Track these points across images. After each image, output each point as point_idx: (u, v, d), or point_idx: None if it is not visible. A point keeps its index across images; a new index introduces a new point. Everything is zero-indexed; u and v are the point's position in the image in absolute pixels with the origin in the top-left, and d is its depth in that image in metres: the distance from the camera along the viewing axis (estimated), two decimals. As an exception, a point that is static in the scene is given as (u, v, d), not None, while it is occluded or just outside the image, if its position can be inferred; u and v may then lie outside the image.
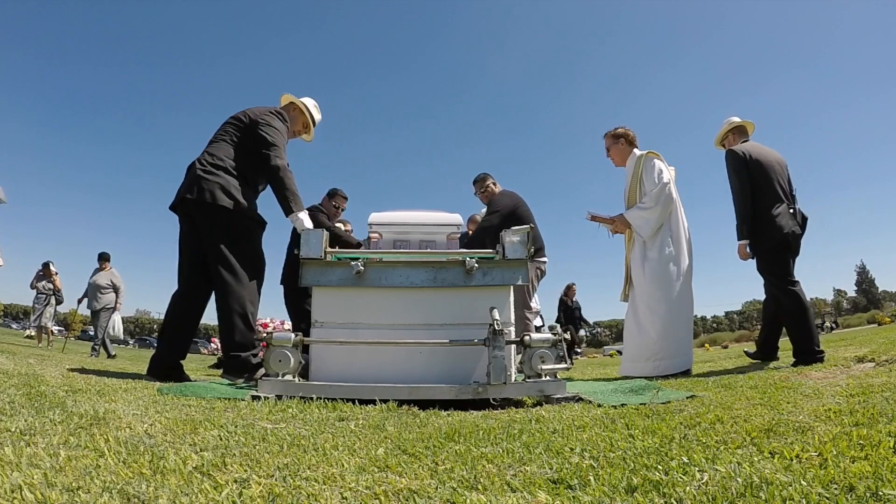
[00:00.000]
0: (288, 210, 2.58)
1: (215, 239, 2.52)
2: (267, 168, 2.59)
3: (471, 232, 4.09)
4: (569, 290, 9.44)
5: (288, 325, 4.33)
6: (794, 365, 2.86)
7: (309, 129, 3.01)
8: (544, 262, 3.96)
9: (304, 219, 2.54)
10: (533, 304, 8.01)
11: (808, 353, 2.88)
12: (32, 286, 8.23)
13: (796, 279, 3.04)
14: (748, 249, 3.10)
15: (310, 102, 3.02)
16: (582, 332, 9.58)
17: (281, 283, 4.01)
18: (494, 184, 4.08)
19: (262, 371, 2.49)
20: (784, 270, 3.03)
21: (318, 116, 3.04)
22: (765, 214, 3.05)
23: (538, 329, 7.17)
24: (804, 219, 3.14)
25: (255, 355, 2.55)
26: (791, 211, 3.07)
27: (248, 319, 2.52)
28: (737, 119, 3.50)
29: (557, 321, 9.33)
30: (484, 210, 4.18)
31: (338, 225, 4.25)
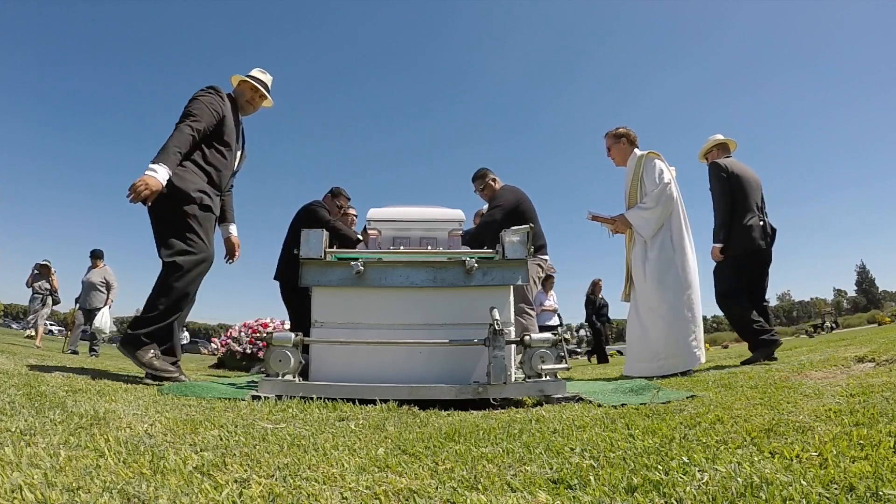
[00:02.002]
0: (154, 158, 2.43)
1: (154, 225, 2.52)
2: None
3: None
4: (595, 287, 9.06)
5: (288, 324, 4.33)
6: (747, 362, 3.15)
7: (260, 93, 2.97)
8: (545, 260, 3.95)
9: (155, 168, 2.35)
10: (549, 303, 7.93)
11: (757, 345, 3.21)
12: (29, 285, 8.19)
13: (741, 290, 3.39)
14: (721, 253, 3.44)
15: (254, 70, 3.02)
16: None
17: (275, 279, 4.01)
18: (494, 180, 3.93)
19: (151, 353, 2.40)
20: (732, 279, 3.40)
21: (263, 77, 3.00)
22: (738, 224, 3.39)
23: (554, 329, 7.11)
24: (773, 230, 3.50)
25: (150, 335, 2.42)
26: (762, 223, 3.43)
27: (159, 300, 2.42)
28: (721, 137, 3.82)
29: (587, 320, 9.16)
30: (486, 207, 4.14)
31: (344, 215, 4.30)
